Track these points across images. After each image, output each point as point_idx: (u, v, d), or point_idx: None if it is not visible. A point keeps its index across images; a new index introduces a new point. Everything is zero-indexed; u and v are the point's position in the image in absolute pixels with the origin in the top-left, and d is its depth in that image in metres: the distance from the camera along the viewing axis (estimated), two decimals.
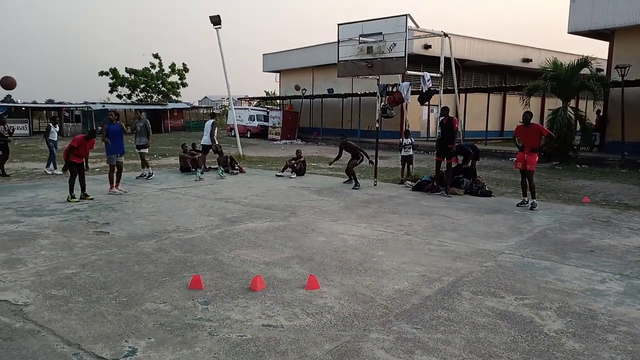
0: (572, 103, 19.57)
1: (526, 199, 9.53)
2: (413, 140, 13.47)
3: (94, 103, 37.75)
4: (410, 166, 13.53)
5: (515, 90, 26.86)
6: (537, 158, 9.43)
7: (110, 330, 3.87)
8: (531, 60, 31.80)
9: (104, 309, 4.27)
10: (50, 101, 52.82)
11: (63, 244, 6.37)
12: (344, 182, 12.38)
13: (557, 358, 3.56)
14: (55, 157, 14.02)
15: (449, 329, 3.99)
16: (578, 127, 18.67)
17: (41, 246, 6.24)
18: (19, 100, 44.10)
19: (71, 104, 39.01)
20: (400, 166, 13.67)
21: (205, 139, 13.11)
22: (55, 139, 14.47)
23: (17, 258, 5.71)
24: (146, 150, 12.86)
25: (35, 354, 3.48)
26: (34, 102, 40.74)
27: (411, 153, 13.33)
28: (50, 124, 14.77)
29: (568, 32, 21.07)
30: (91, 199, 9.55)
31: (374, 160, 12.20)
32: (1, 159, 13.19)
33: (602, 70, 20.80)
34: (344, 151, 12.43)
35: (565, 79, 18.03)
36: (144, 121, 12.85)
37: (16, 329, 3.88)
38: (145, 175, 12.84)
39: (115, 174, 10.52)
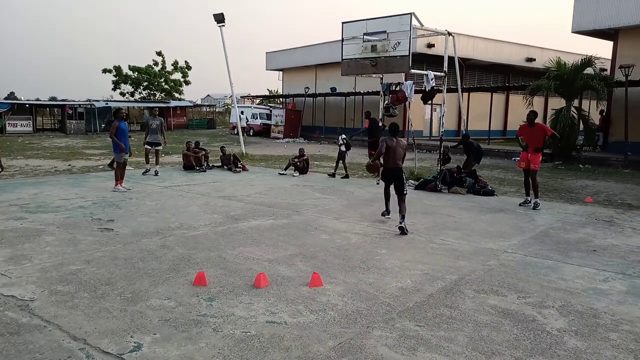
0: (576, 103, 19.53)
1: (529, 198, 9.54)
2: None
3: (97, 100, 37.75)
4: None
5: (519, 90, 26.81)
6: (541, 158, 9.45)
7: (115, 325, 3.90)
8: (535, 60, 31.70)
9: (109, 305, 4.31)
10: (53, 98, 52.91)
11: (68, 240, 6.41)
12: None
13: (559, 356, 3.58)
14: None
15: (451, 327, 4.02)
16: (581, 127, 18.64)
17: (46, 242, 6.28)
18: (22, 98, 44.23)
19: (74, 101, 39.04)
20: None
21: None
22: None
23: (23, 254, 5.75)
24: (161, 148, 13.35)
25: (42, 349, 3.51)
26: (37, 100, 40.76)
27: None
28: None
29: (572, 32, 21.02)
30: None
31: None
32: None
33: (606, 70, 20.76)
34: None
35: (568, 78, 17.97)
36: (160, 119, 13.29)
37: (23, 324, 3.91)
38: (148, 171, 13.02)
39: (119, 171, 10.57)
